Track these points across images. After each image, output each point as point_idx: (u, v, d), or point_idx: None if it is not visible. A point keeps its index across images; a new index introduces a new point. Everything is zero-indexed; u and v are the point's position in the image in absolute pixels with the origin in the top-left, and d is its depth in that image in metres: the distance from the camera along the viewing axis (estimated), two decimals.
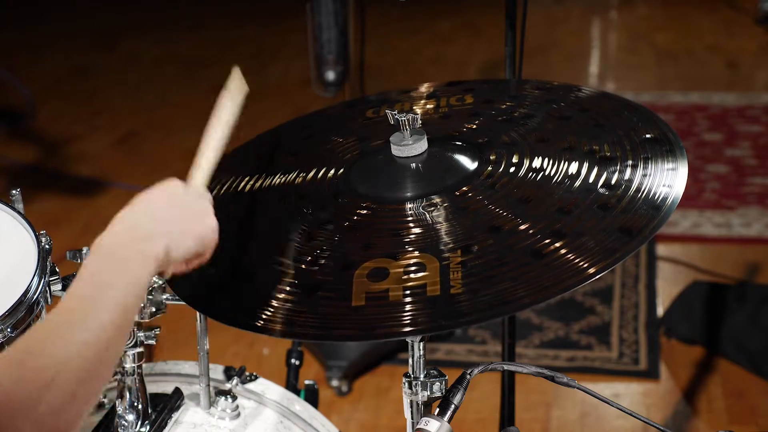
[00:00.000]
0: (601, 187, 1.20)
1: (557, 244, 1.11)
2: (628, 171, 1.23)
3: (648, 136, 1.31)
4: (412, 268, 1.12)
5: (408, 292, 1.09)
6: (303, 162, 1.41)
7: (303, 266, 1.17)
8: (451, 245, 1.14)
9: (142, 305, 1.31)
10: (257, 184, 1.39)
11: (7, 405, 0.84)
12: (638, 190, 1.19)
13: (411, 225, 1.19)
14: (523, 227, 1.15)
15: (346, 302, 1.10)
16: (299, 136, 1.55)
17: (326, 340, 1.18)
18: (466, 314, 1.05)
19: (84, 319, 0.94)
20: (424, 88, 1.60)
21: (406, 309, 1.07)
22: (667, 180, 1.20)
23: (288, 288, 1.14)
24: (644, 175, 1.21)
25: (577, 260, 1.08)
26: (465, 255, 1.12)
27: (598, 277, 1.06)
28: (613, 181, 1.21)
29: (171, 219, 1.08)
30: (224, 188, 1.41)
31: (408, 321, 1.06)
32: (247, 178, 1.41)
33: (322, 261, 1.17)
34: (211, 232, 1.13)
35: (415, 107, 1.52)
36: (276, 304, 1.13)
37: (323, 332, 1.10)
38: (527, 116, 1.42)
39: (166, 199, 1.11)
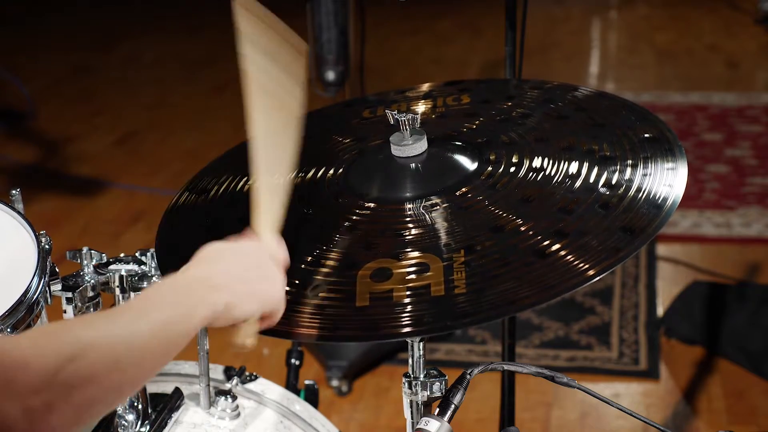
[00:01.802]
0: (602, 186, 1.20)
1: (560, 244, 1.11)
2: (628, 170, 1.23)
3: (647, 135, 1.31)
4: (416, 269, 1.12)
5: (412, 292, 1.09)
6: (302, 162, 1.41)
7: (303, 266, 1.17)
8: (454, 245, 1.14)
9: None
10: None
11: (28, 371, 0.85)
12: (639, 189, 1.19)
13: (412, 225, 1.19)
14: (525, 227, 1.15)
15: (351, 302, 1.10)
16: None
17: (331, 341, 1.18)
18: (471, 314, 1.05)
19: (122, 320, 0.95)
20: (420, 89, 1.60)
21: (411, 309, 1.07)
22: (668, 179, 1.20)
23: (290, 288, 1.14)
24: (644, 175, 1.22)
25: (581, 259, 1.08)
26: (468, 255, 1.12)
27: (601, 276, 1.06)
28: (613, 181, 1.21)
29: (241, 279, 1.05)
30: (222, 188, 1.40)
31: (413, 321, 1.06)
32: (245, 179, 1.41)
33: (323, 261, 1.17)
34: (276, 301, 1.09)
35: (412, 107, 1.52)
36: None
37: (328, 333, 1.10)
38: (525, 116, 1.42)
39: (244, 261, 1.07)
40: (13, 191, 1.37)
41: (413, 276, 1.11)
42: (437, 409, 1.13)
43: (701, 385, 2.67)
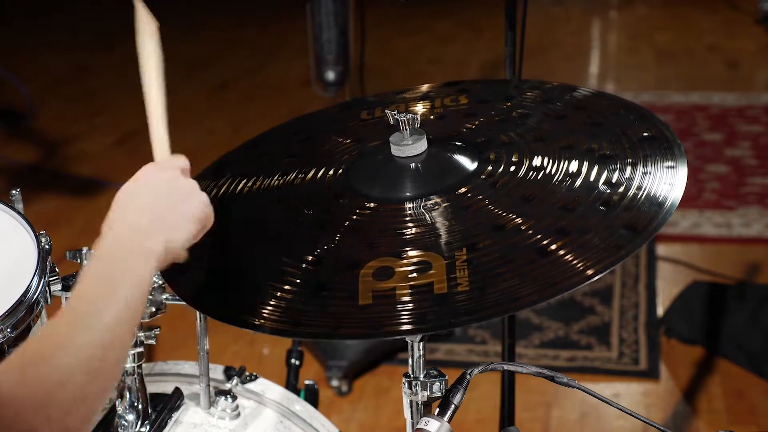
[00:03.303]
0: (603, 184, 1.21)
1: (562, 242, 1.11)
2: (629, 169, 1.23)
3: (645, 134, 1.31)
4: (418, 267, 1.12)
5: (415, 290, 1.09)
6: (301, 163, 1.41)
7: (304, 265, 1.17)
8: (455, 244, 1.15)
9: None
10: (256, 185, 1.39)
11: (18, 408, 0.84)
12: (639, 187, 1.19)
13: (413, 225, 1.19)
14: (526, 225, 1.15)
15: (353, 301, 1.10)
16: (296, 138, 1.55)
17: (334, 338, 1.18)
18: (475, 312, 1.05)
19: (90, 320, 0.95)
20: (417, 90, 1.60)
21: (414, 307, 1.07)
22: (668, 177, 1.21)
23: (290, 287, 1.14)
24: (644, 173, 1.22)
25: (583, 257, 1.08)
26: (470, 253, 1.12)
27: (603, 274, 1.06)
28: (614, 179, 1.21)
29: (165, 211, 1.08)
30: (222, 189, 1.40)
31: (416, 319, 1.06)
32: (245, 180, 1.41)
33: (325, 260, 1.17)
34: (204, 206, 1.13)
35: (410, 108, 1.52)
36: (281, 304, 1.13)
37: (331, 331, 1.10)
38: (524, 116, 1.43)
39: (153, 191, 1.10)
40: (13, 191, 1.37)
41: (415, 274, 1.11)
42: (437, 409, 1.13)
43: (701, 385, 2.67)
